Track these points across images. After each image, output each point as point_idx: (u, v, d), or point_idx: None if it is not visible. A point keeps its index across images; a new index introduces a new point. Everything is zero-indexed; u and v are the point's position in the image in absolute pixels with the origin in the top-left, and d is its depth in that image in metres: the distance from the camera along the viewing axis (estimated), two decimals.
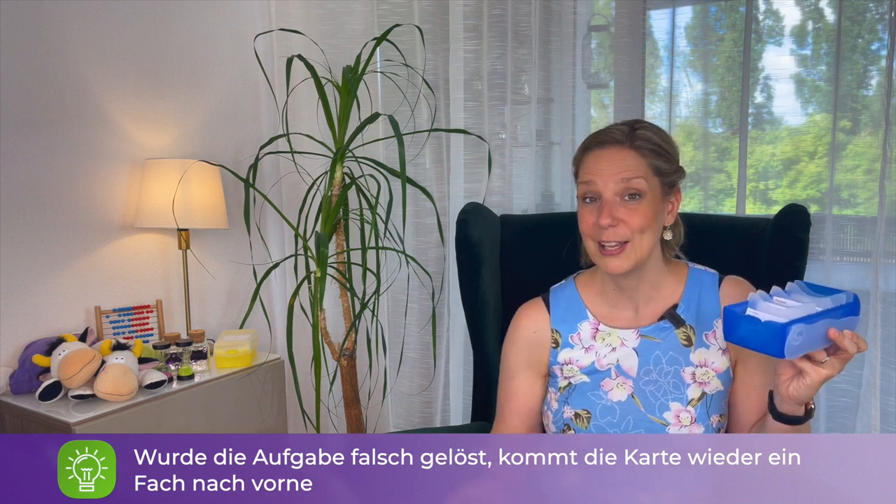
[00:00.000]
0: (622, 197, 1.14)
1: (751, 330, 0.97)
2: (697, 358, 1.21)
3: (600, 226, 1.13)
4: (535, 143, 2.03)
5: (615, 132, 1.17)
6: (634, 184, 1.13)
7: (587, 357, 1.25)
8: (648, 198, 1.14)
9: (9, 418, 1.78)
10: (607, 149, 1.16)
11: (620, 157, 1.15)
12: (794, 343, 0.94)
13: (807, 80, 1.75)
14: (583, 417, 1.22)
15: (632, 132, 1.17)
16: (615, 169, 1.14)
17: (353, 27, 2.31)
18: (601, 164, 1.16)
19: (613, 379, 1.23)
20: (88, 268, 2.01)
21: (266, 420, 2.19)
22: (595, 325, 1.26)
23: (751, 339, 0.98)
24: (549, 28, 2.03)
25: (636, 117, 1.90)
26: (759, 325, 0.96)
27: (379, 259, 2.10)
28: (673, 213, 1.22)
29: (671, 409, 1.19)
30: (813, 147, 1.76)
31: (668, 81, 1.88)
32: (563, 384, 1.26)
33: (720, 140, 1.86)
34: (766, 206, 1.84)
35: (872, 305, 1.62)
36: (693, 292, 1.24)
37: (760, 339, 0.96)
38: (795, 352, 0.95)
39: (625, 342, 1.23)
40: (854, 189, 1.67)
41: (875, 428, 1.65)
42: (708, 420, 1.19)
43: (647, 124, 1.19)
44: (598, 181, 1.15)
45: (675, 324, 1.22)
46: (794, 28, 1.74)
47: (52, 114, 1.91)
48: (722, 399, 1.22)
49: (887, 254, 1.60)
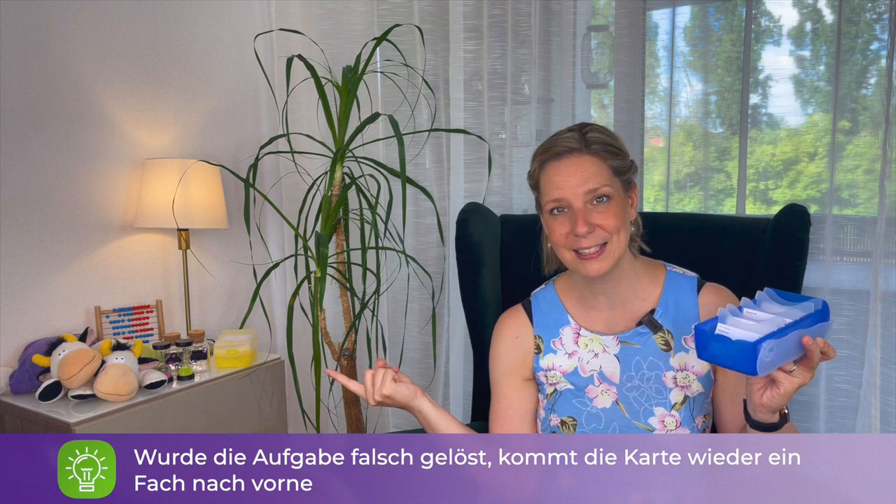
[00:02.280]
0: (591, 202, 1.15)
1: (721, 348, 0.98)
2: (677, 362, 1.21)
3: (577, 234, 1.14)
4: (535, 143, 2.03)
5: (568, 140, 1.17)
6: (602, 189, 1.14)
7: (570, 362, 1.25)
8: (615, 198, 1.16)
9: (9, 418, 1.78)
10: (565, 158, 1.17)
11: (581, 165, 1.15)
12: (765, 359, 0.94)
13: (806, 81, 1.75)
14: (569, 425, 1.23)
15: (583, 137, 1.17)
16: (580, 178, 1.14)
17: (353, 27, 2.31)
18: (564, 176, 1.16)
19: (597, 386, 1.23)
20: (88, 268, 2.01)
21: (266, 420, 2.19)
22: (577, 329, 1.27)
23: (722, 358, 0.98)
24: (549, 28, 2.03)
25: (636, 117, 1.91)
26: (729, 344, 0.97)
27: (379, 259, 2.10)
28: (634, 206, 1.23)
29: (656, 415, 1.20)
30: (813, 147, 1.76)
31: (668, 81, 1.88)
32: (550, 391, 1.27)
33: (720, 140, 1.86)
34: (766, 206, 1.84)
35: (872, 305, 1.62)
36: (670, 296, 1.24)
37: (732, 357, 0.97)
38: (768, 367, 0.95)
39: (606, 349, 1.24)
40: (854, 189, 1.67)
41: (875, 428, 1.65)
42: (693, 422, 1.20)
43: (592, 126, 1.20)
44: (565, 194, 1.15)
45: (652, 329, 1.22)
46: (793, 28, 1.75)
47: (53, 114, 1.91)
48: (704, 400, 1.22)
49: (887, 254, 1.60)
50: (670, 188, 1.90)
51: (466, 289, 1.63)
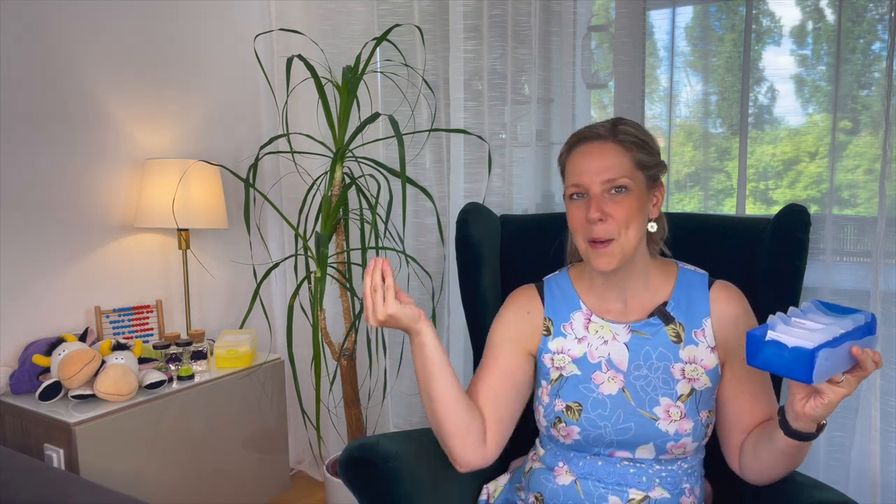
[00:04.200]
0: (608, 191, 1.15)
1: (776, 355, 0.96)
2: (687, 354, 1.21)
3: (589, 220, 1.15)
4: (535, 143, 2.03)
5: (598, 128, 1.19)
6: (620, 180, 1.15)
7: (579, 347, 1.26)
8: (634, 191, 1.16)
9: (9, 418, 1.78)
10: (591, 144, 1.18)
11: (605, 153, 1.16)
12: (821, 368, 0.92)
13: (807, 81, 1.74)
14: (574, 410, 1.22)
15: (613, 128, 1.19)
16: (601, 164, 1.15)
17: (353, 27, 2.31)
18: (587, 160, 1.17)
19: (604, 372, 1.23)
20: (88, 268, 2.01)
21: (266, 420, 2.20)
22: (588, 315, 1.27)
23: (776, 364, 0.96)
24: (549, 28, 2.02)
25: (636, 118, 1.91)
26: (785, 351, 0.95)
27: None
28: (658, 205, 1.23)
29: (661, 404, 1.20)
30: (813, 147, 1.76)
31: (668, 81, 1.88)
32: (555, 376, 1.26)
33: (720, 140, 1.86)
34: (766, 207, 1.84)
35: (872, 305, 1.62)
36: (682, 291, 1.25)
37: (786, 364, 0.95)
38: (822, 376, 0.94)
39: (616, 336, 1.24)
40: (854, 189, 1.67)
41: (875, 428, 1.65)
42: (697, 416, 1.20)
43: (627, 121, 1.21)
44: (584, 179, 1.16)
45: (664, 320, 1.23)
46: (793, 28, 1.74)
47: (53, 114, 1.91)
48: (711, 395, 1.22)
49: (887, 254, 1.60)
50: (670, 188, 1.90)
51: (466, 289, 1.62)
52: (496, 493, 1.40)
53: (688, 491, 1.23)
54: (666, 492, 1.20)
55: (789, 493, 1.15)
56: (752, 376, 1.20)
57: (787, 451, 1.08)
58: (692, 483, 1.24)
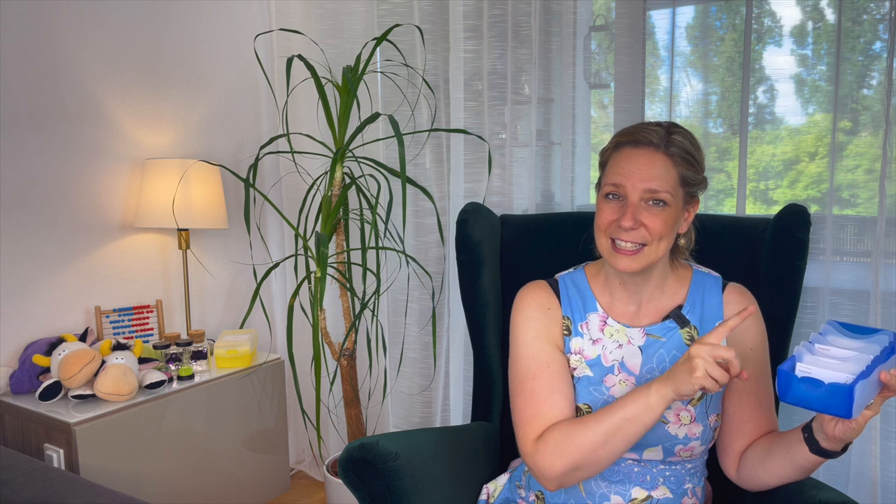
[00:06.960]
0: (647, 201, 1.13)
1: (810, 391, 0.94)
2: None
3: (621, 226, 1.13)
4: (535, 143, 2.03)
5: (651, 134, 1.15)
6: (662, 194, 1.12)
7: (594, 349, 1.24)
8: (672, 206, 1.14)
9: (9, 418, 1.78)
10: (641, 149, 1.15)
11: (652, 163, 1.13)
12: (859, 401, 0.92)
13: (807, 80, 1.74)
14: (583, 412, 1.22)
15: (667, 136, 1.15)
16: (646, 174, 1.13)
17: (353, 27, 2.31)
18: (632, 165, 1.14)
19: (616, 375, 1.23)
20: (88, 268, 2.02)
21: (266, 420, 2.20)
22: (604, 317, 1.26)
23: (811, 400, 0.94)
24: (549, 28, 2.02)
25: (636, 117, 1.91)
26: (821, 387, 0.93)
27: (379, 259, 2.10)
28: (688, 220, 1.22)
29: (671, 408, 1.19)
30: (813, 147, 1.76)
31: (669, 81, 1.88)
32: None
33: (720, 140, 1.86)
34: (766, 206, 1.84)
35: (872, 305, 1.62)
36: (697, 294, 1.24)
37: (822, 400, 0.93)
38: (860, 409, 0.93)
39: (631, 340, 1.23)
40: (854, 189, 1.67)
41: (875, 428, 1.65)
42: (706, 419, 1.19)
43: (681, 129, 1.17)
44: (626, 183, 1.14)
45: (680, 324, 1.22)
46: (794, 28, 1.74)
47: (53, 114, 1.91)
48: (720, 399, 1.22)
49: (887, 254, 1.59)
50: None
51: (466, 289, 1.62)
52: (496, 493, 1.39)
53: (690, 491, 1.22)
54: (669, 492, 1.20)
55: (789, 493, 1.15)
56: (759, 382, 1.20)
57: (808, 466, 1.09)
58: (695, 483, 1.24)
